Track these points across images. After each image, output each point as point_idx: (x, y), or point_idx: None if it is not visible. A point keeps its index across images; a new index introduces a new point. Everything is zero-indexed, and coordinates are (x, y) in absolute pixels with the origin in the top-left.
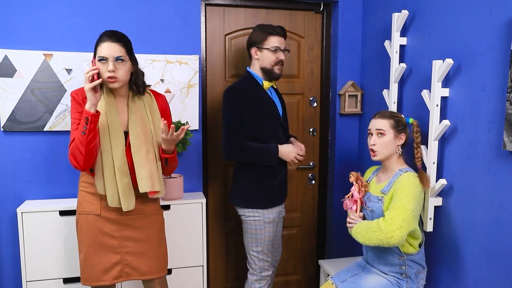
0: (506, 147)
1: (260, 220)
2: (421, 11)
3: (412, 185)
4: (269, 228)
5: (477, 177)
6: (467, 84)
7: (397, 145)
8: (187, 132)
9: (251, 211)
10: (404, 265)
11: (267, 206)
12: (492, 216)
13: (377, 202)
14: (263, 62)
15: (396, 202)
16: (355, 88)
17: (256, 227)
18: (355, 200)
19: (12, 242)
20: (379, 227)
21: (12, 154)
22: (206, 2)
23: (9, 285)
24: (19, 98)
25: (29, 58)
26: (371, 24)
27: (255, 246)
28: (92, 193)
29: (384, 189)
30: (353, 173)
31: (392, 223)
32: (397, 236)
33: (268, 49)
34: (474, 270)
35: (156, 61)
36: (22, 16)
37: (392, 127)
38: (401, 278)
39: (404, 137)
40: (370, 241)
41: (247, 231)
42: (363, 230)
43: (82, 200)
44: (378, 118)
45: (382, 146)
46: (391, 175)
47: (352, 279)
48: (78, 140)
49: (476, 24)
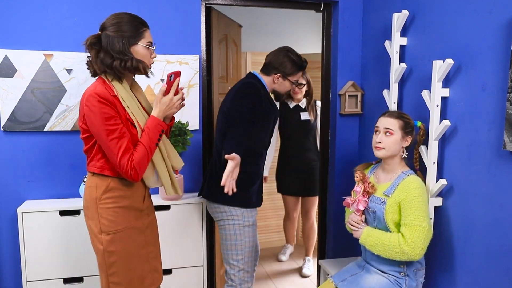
0: (506, 147)
1: (239, 224)
2: (421, 11)
3: (422, 193)
4: (249, 232)
5: (477, 177)
6: (467, 84)
7: (402, 147)
8: (187, 132)
9: (229, 213)
10: (403, 264)
11: (247, 205)
12: (492, 216)
13: (379, 204)
14: (279, 88)
15: (413, 220)
16: (355, 88)
17: (235, 231)
18: (358, 204)
19: (12, 242)
20: (402, 250)
21: (12, 154)
22: (206, 2)
23: (9, 285)
24: (19, 98)
25: (30, 58)
26: (371, 24)
27: (235, 253)
28: (124, 207)
29: (387, 191)
30: (359, 172)
31: (415, 246)
32: (419, 255)
33: (291, 82)
34: (474, 270)
35: (156, 61)
36: (22, 16)
37: (400, 127)
38: (400, 276)
39: (410, 139)
40: (388, 256)
41: (225, 237)
42: (379, 245)
43: (116, 218)
44: (388, 117)
45: (388, 145)
46: (394, 177)
47: (352, 278)
48: (148, 150)
49: (476, 24)
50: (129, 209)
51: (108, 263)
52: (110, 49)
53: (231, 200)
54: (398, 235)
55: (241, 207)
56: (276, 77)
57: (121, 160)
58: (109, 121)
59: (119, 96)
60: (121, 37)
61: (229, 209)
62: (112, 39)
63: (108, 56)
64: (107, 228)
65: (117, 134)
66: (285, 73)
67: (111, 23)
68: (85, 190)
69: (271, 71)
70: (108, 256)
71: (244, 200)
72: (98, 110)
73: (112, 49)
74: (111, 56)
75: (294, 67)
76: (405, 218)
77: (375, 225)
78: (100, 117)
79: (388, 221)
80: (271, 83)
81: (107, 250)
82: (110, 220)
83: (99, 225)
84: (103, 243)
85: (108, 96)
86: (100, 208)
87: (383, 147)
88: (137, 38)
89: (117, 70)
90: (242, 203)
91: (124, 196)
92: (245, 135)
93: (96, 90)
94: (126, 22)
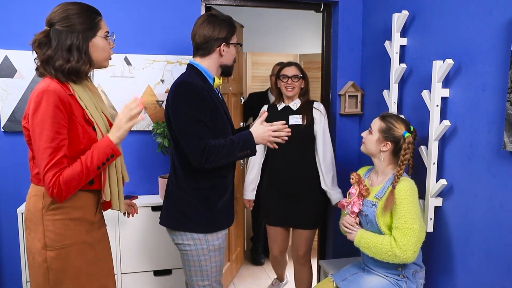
0: (506, 147)
1: (203, 249)
2: (421, 11)
3: (411, 194)
4: (216, 256)
5: (477, 178)
6: (467, 84)
7: (380, 150)
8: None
9: (191, 237)
10: (400, 267)
11: (211, 229)
12: (492, 216)
13: (370, 207)
14: (228, 60)
15: (403, 223)
16: (355, 88)
17: (199, 257)
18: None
19: (12, 242)
20: (394, 253)
21: (12, 154)
22: (206, 3)
23: (9, 285)
24: (19, 98)
25: (30, 59)
26: (371, 24)
27: (201, 279)
28: (74, 219)
29: (378, 194)
30: (354, 174)
31: (406, 249)
32: (412, 258)
33: (236, 44)
34: (474, 270)
35: (156, 61)
36: (22, 16)
37: (380, 130)
38: (399, 278)
39: (388, 146)
40: (382, 259)
41: (188, 264)
42: (372, 247)
43: (65, 231)
44: (378, 117)
45: (366, 141)
46: (385, 179)
47: (353, 278)
48: (83, 172)
49: (477, 24)
50: (80, 221)
51: (53, 282)
52: (61, 47)
53: (191, 225)
54: (390, 238)
55: (199, 233)
56: (221, 49)
57: (47, 173)
58: (53, 127)
59: (76, 95)
60: (75, 32)
61: (188, 234)
62: (65, 35)
63: (59, 56)
64: (53, 243)
65: (54, 144)
66: (227, 38)
67: (60, 17)
68: (28, 200)
69: (212, 47)
70: (53, 274)
71: (208, 223)
72: (47, 112)
73: (63, 47)
74: (62, 56)
75: (230, 26)
76: (395, 221)
77: (368, 228)
78: (45, 120)
79: (380, 224)
80: (215, 62)
81: (52, 268)
82: (58, 233)
83: (44, 239)
84: (46, 260)
85: (63, 95)
86: (47, 220)
87: (363, 142)
88: (94, 29)
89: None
90: (205, 228)
91: (75, 206)
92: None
93: (50, 87)
94: (77, 13)
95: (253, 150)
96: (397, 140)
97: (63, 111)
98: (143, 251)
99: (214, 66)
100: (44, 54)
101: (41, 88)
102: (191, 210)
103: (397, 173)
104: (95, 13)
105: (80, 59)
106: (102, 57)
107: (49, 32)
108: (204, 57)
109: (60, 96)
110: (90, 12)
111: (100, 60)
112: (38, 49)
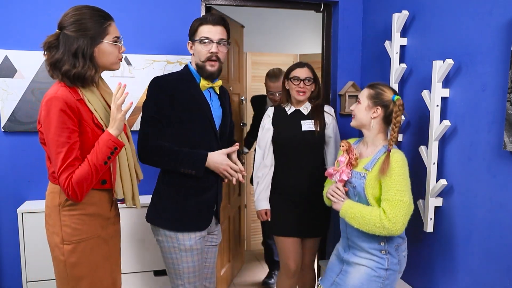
0: (507, 147)
1: (175, 247)
2: (421, 11)
3: (402, 166)
4: (188, 257)
5: (477, 178)
6: (467, 84)
7: (371, 117)
8: None
9: (163, 233)
10: (384, 241)
11: (182, 229)
12: (492, 216)
13: (359, 179)
14: (196, 58)
15: (394, 195)
16: (355, 88)
17: (171, 255)
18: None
19: (12, 242)
20: (383, 225)
21: (12, 154)
22: (206, 3)
23: (9, 285)
24: (19, 98)
25: (30, 59)
26: (371, 24)
27: (175, 278)
28: (89, 214)
29: (367, 165)
30: (345, 142)
31: (396, 221)
32: (400, 230)
33: (197, 41)
34: (474, 270)
35: (156, 61)
36: (22, 16)
37: (368, 97)
38: (381, 255)
39: (379, 111)
40: (368, 231)
41: (164, 259)
42: (359, 218)
43: (81, 225)
44: (365, 87)
45: (356, 113)
46: (375, 151)
47: (339, 279)
48: (92, 169)
49: (477, 24)
50: (95, 216)
51: (72, 276)
52: (68, 51)
53: (161, 221)
54: (380, 209)
55: (169, 230)
56: (188, 47)
57: (61, 176)
58: (63, 132)
59: (85, 99)
60: (82, 37)
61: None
62: (72, 40)
63: (66, 61)
64: (70, 237)
65: (66, 148)
66: (190, 35)
67: (70, 21)
68: (47, 197)
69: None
70: (71, 268)
71: (178, 222)
72: (56, 118)
73: (69, 52)
74: (69, 60)
75: (195, 23)
76: (385, 193)
77: (355, 200)
78: (55, 126)
79: (369, 196)
80: (194, 61)
81: (69, 261)
82: (74, 228)
83: (61, 234)
84: (64, 253)
85: (71, 101)
86: (63, 215)
87: (353, 115)
88: (102, 35)
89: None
90: (174, 226)
91: (90, 202)
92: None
93: (57, 94)
94: (87, 18)
95: (198, 172)
96: (387, 105)
97: (72, 116)
98: (143, 251)
99: (195, 67)
100: (52, 57)
101: (50, 95)
102: (162, 206)
103: (391, 136)
104: (105, 18)
105: (85, 65)
106: (108, 62)
107: (59, 35)
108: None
109: (67, 102)
110: (100, 17)
111: (107, 64)
112: (48, 52)
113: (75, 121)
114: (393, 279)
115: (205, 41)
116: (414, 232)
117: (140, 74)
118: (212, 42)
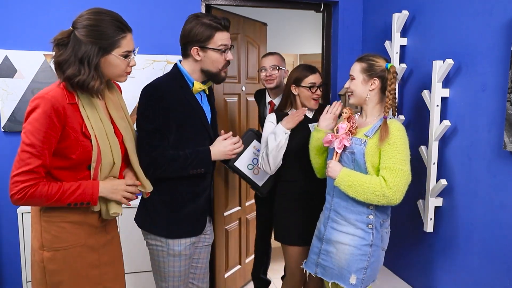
0: (507, 147)
1: (163, 251)
2: (421, 11)
3: (403, 136)
4: (175, 262)
5: (477, 178)
6: (467, 84)
7: (369, 90)
8: None
9: (153, 238)
10: (372, 214)
11: (171, 235)
12: (492, 216)
13: (359, 145)
14: (208, 65)
15: (395, 163)
16: None
17: (159, 258)
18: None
19: (12, 242)
20: (383, 193)
21: (12, 154)
22: (206, 3)
23: (9, 285)
24: (19, 98)
25: (30, 59)
26: (371, 24)
27: (160, 280)
28: (72, 222)
29: (368, 132)
30: (348, 109)
31: (397, 190)
32: (399, 199)
33: (216, 50)
34: (474, 270)
35: (156, 61)
36: (22, 16)
37: (362, 71)
38: (366, 229)
39: (377, 82)
40: (365, 199)
41: (151, 261)
42: (357, 186)
43: (61, 233)
44: (355, 61)
45: (353, 89)
46: (374, 120)
47: (322, 262)
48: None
49: (477, 24)
50: (79, 224)
51: (51, 283)
52: (75, 55)
53: (152, 227)
54: (380, 178)
55: (162, 237)
56: (194, 52)
57: (17, 177)
58: (39, 134)
59: (80, 104)
60: (91, 44)
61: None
62: (80, 43)
63: (71, 64)
64: (49, 244)
65: (35, 151)
66: (201, 42)
67: (83, 24)
68: None
69: (186, 50)
70: (50, 275)
71: (169, 228)
72: (37, 118)
73: (76, 56)
74: (74, 65)
75: (208, 29)
76: (386, 161)
77: (352, 168)
78: (33, 126)
79: (368, 163)
80: (194, 66)
81: (48, 268)
82: (53, 235)
83: (41, 239)
84: (43, 260)
85: (59, 105)
86: (44, 221)
87: (350, 92)
88: (112, 47)
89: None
90: (165, 232)
91: (72, 210)
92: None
93: (47, 95)
94: (103, 26)
95: (207, 168)
96: (382, 74)
97: (55, 121)
98: (143, 251)
99: (194, 70)
100: (59, 56)
101: (39, 94)
102: (154, 212)
103: (386, 104)
104: (122, 30)
105: (90, 73)
106: (114, 74)
107: (71, 34)
108: (185, 59)
109: (54, 105)
110: (117, 28)
111: (113, 76)
112: (56, 48)
113: (58, 128)
114: (377, 255)
115: (224, 50)
116: (414, 232)
117: (140, 74)
118: (228, 49)
